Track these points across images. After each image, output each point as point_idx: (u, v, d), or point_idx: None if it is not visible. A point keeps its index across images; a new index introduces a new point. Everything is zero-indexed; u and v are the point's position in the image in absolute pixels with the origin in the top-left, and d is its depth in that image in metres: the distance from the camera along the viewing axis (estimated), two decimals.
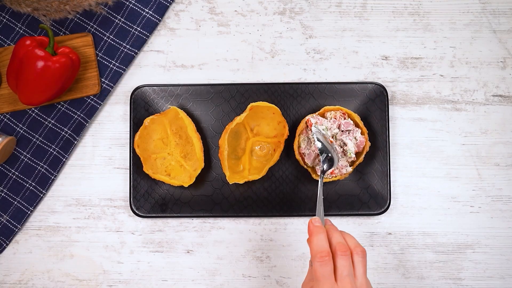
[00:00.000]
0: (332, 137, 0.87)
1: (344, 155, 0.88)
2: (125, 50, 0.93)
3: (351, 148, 0.87)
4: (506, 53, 0.94)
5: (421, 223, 0.93)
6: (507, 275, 0.92)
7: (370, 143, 0.90)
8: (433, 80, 0.94)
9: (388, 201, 0.90)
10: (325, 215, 0.91)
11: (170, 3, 0.94)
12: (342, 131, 0.88)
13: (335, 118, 0.88)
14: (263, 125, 0.91)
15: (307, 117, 0.88)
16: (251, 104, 0.88)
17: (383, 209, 0.90)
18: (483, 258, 0.92)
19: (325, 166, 0.83)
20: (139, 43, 0.93)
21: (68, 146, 0.92)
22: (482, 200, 0.93)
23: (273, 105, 0.89)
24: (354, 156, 0.87)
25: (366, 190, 0.91)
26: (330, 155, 0.83)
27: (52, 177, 0.92)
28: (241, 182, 0.88)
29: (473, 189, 0.93)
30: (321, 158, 0.83)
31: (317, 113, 0.89)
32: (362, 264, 0.69)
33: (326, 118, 0.88)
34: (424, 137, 0.93)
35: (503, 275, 0.92)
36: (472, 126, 0.93)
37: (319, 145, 0.84)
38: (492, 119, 0.93)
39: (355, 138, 0.87)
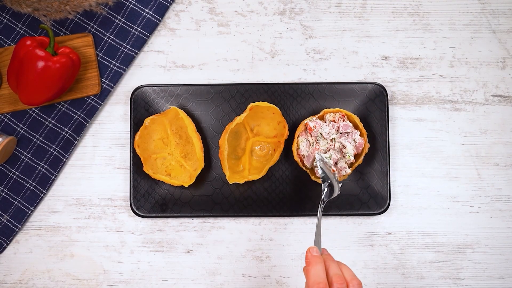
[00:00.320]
0: (331, 141, 0.87)
1: (343, 157, 0.88)
2: (125, 50, 0.93)
3: (350, 150, 0.87)
4: (506, 53, 0.94)
5: (421, 223, 0.93)
6: (506, 275, 0.92)
7: (369, 145, 0.90)
8: (433, 80, 0.94)
9: (388, 201, 0.91)
10: (325, 215, 0.91)
11: (170, 3, 0.94)
12: (341, 133, 0.87)
13: (334, 121, 0.88)
14: (263, 125, 0.91)
15: (305, 121, 0.88)
16: (251, 104, 0.88)
17: (382, 209, 0.91)
18: (482, 258, 0.92)
19: (326, 194, 0.83)
20: (139, 43, 0.93)
21: (68, 146, 0.92)
22: (482, 200, 0.93)
23: (273, 105, 0.89)
24: (353, 158, 0.87)
25: (366, 190, 0.91)
26: (331, 182, 0.84)
27: (53, 177, 0.92)
28: (241, 182, 0.88)
29: (473, 189, 0.93)
30: (323, 186, 0.83)
31: (316, 116, 0.89)
32: None
33: (325, 121, 0.88)
34: (423, 137, 0.93)
35: (502, 275, 0.92)
36: (471, 126, 0.93)
37: (321, 173, 0.84)
38: (492, 119, 0.93)
39: (354, 140, 0.87)
